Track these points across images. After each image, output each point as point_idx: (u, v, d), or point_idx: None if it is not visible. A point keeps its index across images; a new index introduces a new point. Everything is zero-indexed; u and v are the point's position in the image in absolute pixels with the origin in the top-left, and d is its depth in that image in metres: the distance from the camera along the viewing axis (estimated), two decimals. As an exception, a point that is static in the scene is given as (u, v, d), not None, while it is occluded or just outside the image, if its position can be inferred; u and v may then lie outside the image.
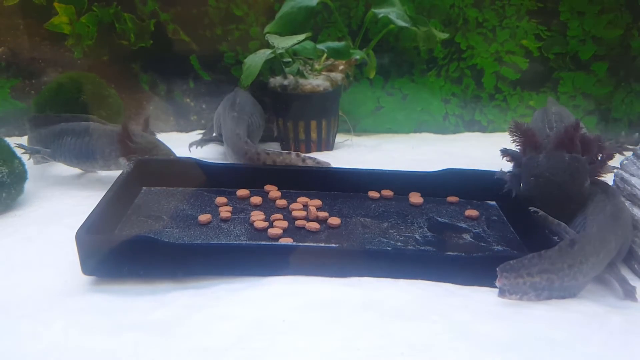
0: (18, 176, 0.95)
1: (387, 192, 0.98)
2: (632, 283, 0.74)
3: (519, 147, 0.89)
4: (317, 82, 1.21)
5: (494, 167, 0.93)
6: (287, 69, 1.23)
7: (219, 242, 0.81)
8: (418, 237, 0.85)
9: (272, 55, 1.14)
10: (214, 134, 1.23)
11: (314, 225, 0.86)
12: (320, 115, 1.23)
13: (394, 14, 1.19)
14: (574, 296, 0.72)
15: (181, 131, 1.41)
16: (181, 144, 1.26)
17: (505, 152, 0.88)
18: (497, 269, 0.69)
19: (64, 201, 0.98)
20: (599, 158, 0.83)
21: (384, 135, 1.38)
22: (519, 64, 1.36)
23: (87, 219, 0.76)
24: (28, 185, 0.99)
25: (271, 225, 0.86)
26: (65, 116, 1.08)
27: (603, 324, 0.66)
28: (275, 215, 0.89)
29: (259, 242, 0.81)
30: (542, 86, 1.37)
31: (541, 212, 0.78)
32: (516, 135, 0.88)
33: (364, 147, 1.29)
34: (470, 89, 1.38)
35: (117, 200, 0.86)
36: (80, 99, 1.21)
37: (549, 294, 0.71)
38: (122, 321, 0.65)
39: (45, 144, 1.05)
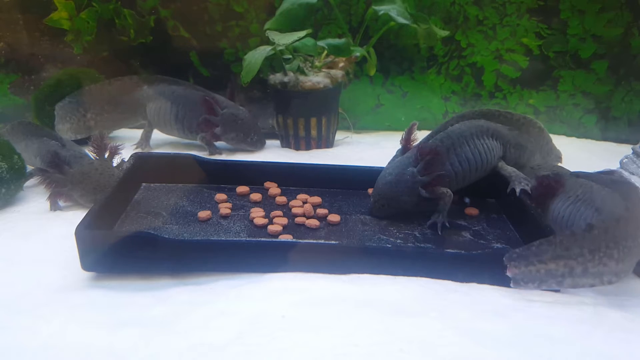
0: (17, 172, 0.95)
1: (386, 190, 0.97)
2: (635, 283, 0.74)
3: None
4: (317, 79, 1.21)
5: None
6: (287, 66, 1.22)
7: (219, 239, 0.81)
8: (418, 235, 0.85)
9: (272, 51, 1.14)
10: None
11: (314, 222, 0.86)
12: (320, 112, 1.23)
13: (395, 11, 1.19)
14: (611, 283, 0.69)
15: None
16: (176, 139, 1.26)
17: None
18: (504, 258, 0.68)
19: (63, 197, 0.98)
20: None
21: (384, 133, 1.38)
22: (519, 62, 1.35)
23: (86, 214, 0.76)
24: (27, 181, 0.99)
25: (271, 222, 0.86)
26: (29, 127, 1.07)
27: (603, 321, 0.66)
28: (275, 212, 0.89)
29: (259, 239, 0.81)
30: (542, 84, 1.36)
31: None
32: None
33: (364, 144, 1.29)
34: (470, 87, 1.38)
35: (117, 197, 0.86)
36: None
37: (572, 282, 0.68)
38: (122, 317, 0.65)
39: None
